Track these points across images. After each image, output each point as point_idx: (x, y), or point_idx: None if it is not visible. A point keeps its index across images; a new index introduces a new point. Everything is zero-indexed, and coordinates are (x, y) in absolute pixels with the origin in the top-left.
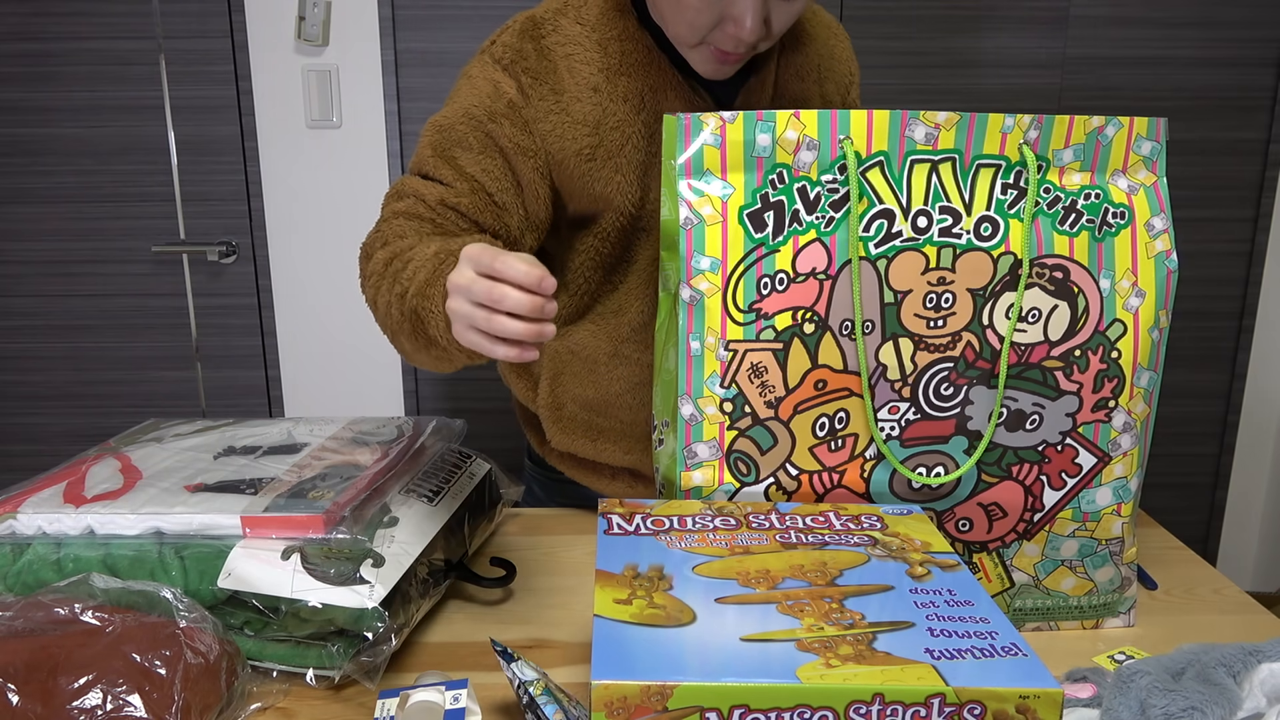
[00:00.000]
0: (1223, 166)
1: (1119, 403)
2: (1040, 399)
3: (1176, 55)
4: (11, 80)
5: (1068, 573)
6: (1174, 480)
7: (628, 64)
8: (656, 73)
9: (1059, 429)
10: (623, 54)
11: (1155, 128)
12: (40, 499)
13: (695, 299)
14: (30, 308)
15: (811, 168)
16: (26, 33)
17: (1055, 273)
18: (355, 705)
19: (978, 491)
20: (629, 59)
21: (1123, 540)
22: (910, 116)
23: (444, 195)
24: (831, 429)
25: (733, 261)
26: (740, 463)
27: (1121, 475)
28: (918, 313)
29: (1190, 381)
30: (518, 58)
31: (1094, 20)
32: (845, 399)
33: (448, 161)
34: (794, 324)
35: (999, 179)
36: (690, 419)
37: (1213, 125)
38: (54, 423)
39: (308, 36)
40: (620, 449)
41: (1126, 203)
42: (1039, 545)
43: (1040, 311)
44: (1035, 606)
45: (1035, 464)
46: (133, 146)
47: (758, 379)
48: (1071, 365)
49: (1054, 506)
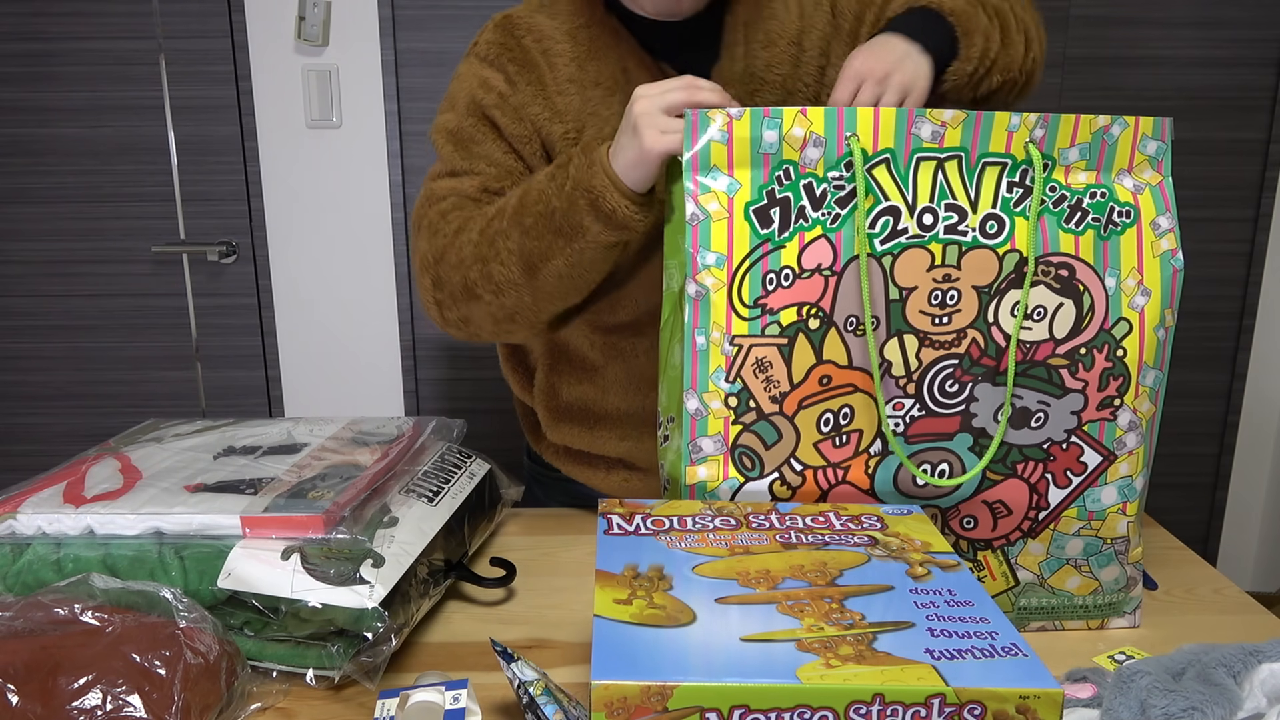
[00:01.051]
0: (1223, 166)
1: (1124, 401)
2: (1046, 397)
3: (1176, 55)
4: (11, 80)
5: (1073, 571)
6: (1174, 480)
7: (597, 49)
8: (627, 54)
9: (1064, 427)
10: (591, 40)
11: (1161, 127)
12: (40, 499)
13: (701, 294)
14: (30, 308)
15: (818, 164)
16: (26, 33)
17: (1061, 270)
18: (355, 705)
19: (983, 489)
20: (598, 43)
21: (1128, 539)
22: (917, 114)
23: (484, 183)
24: (836, 425)
25: (738, 257)
26: (745, 457)
27: (1127, 474)
28: (923, 309)
29: (1190, 381)
30: (501, 51)
31: (1094, 20)
32: (850, 395)
33: (471, 156)
34: (799, 319)
35: (1005, 177)
36: (695, 413)
37: (1213, 125)
38: (54, 423)
39: (308, 36)
40: (615, 435)
41: (1132, 201)
42: (1044, 544)
43: (1046, 309)
44: (1040, 605)
45: (1040, 462)
46: (133, 146)
47: (762, 374)
48: (1077, 363)
49: (1059, 505)
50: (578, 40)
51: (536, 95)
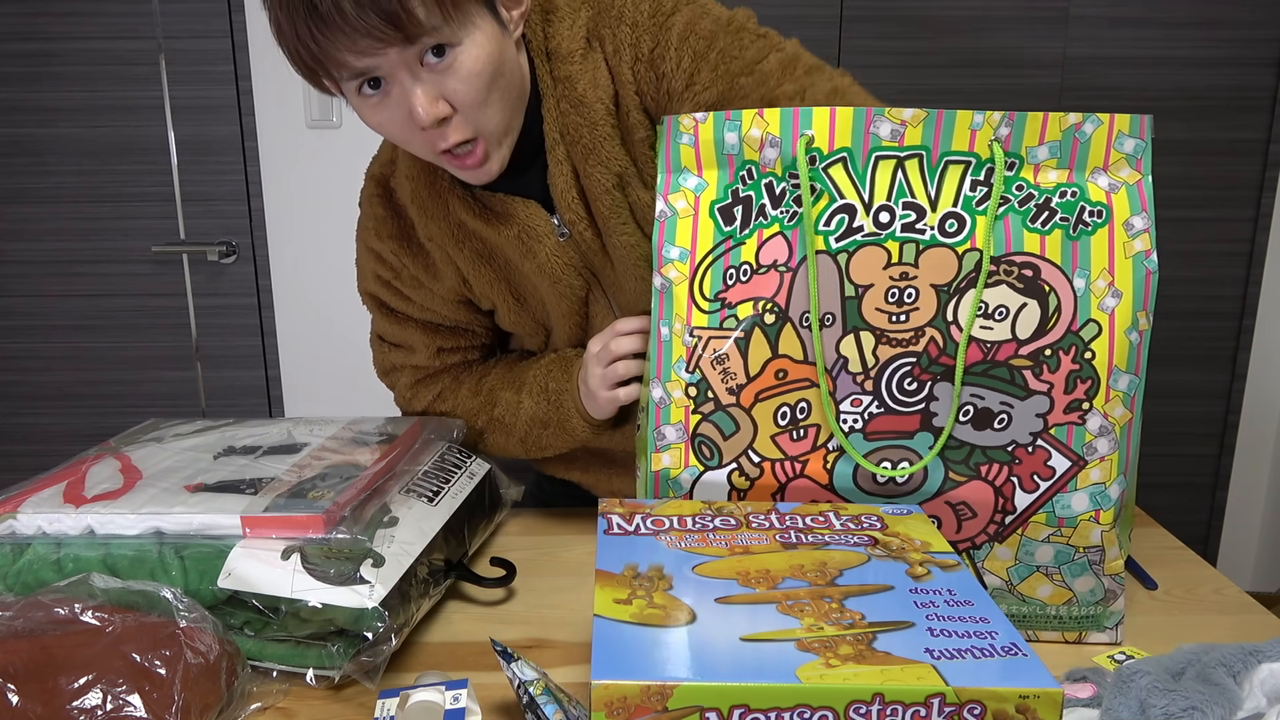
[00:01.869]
0: (1223, 166)
1: (1094, 405)
2: (1008, 398)
3: (1176, 55)
4: (11, 80)
5: (1044, 579)
6: (1174, 480)
7: (430, 210)
8: (458, 206)
9: (1029, 429)
10: (422, 203)
11: (1140, 125)
12: (40, 499)
13: (665, 286)
14: (30, 308)
15: (776, 164)
16: (26, 33)
17: (1024, 270)
18: (355, 705)
19: (945, 490)
20: (429, 206)
21: (1103, 550)
22: (875, 113)
23: (425, 344)
24: (793, 419)
25: (701, 252)
26: (704, 446)
27: (1099, 481)
28: (879, 307)
29: (1190, 381)
30: (380, 225)
31: (1094, 20)
32: (806, 389)
33: (401, 326)
34: (755, 314)
35: (968, 176)
36: (660, 401)
37: (1213, 125)
38: (54, 423)
39: None
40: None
41: (1105, 201)
42: (1011, 549)
43: (1008, 309)
44: (1010, 613)
45: (1005, 464)
46: (133, 146)
47: (719, 366)
48: (1041, 365)
49: (1026, 509)
50: (417, 204)
51: (420, 267)
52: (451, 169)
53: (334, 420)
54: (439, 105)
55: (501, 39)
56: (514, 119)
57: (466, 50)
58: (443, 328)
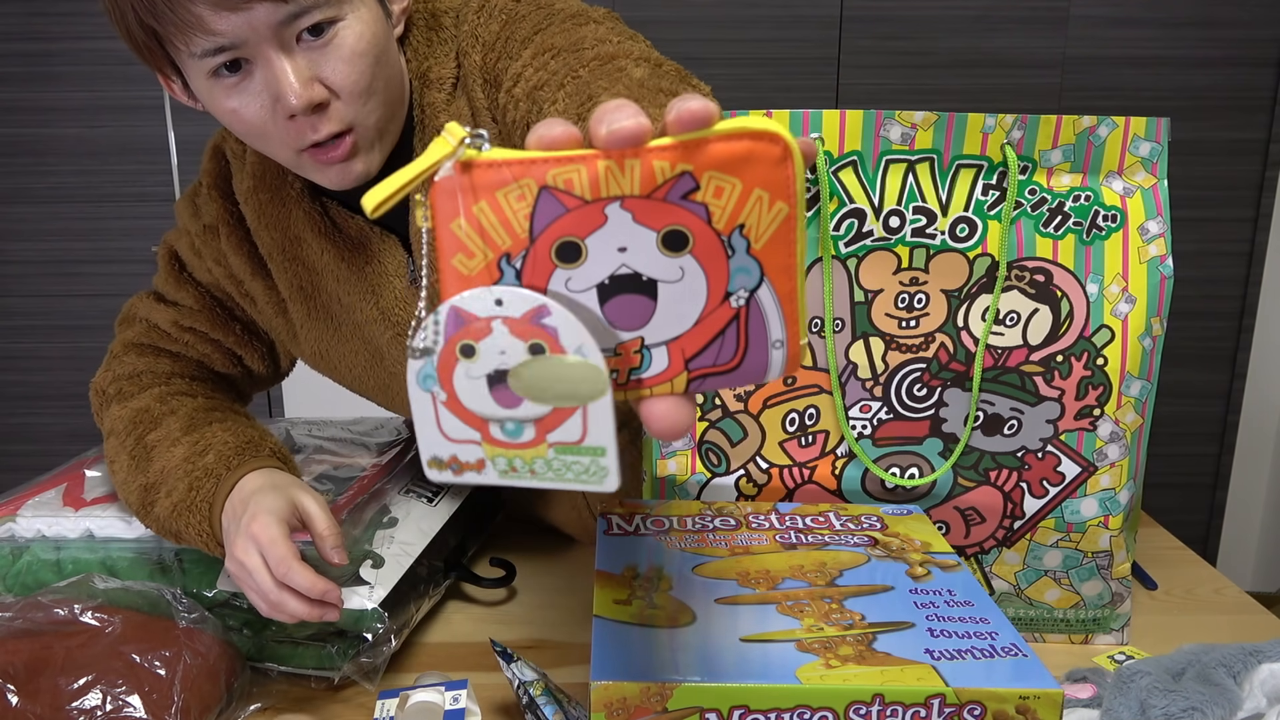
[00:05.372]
0: (1223, 166)
1: (1105, 411)
2: (1019, 404)
3: (1176, 55)
4: (11, 80)
5: (1051, 584)
6: (1174, 480)
7: (271, 216)
8: (300, 220)
9: (1039, 435)
10: (261, 205)
11: (1156, 128)
12: (39, 502)
13: None
14: (30, 308)
15: None
16: (26, 33)
17: (1036, 275)
18: (355, 705)
19: (954, 495)
20: (267, 210)
21: (1111, 554)
22: (885, 116)
23: (175, 318)
24: (802, 425)
25: None
26: (711, 453)
27: (1109, 487)
28: (889, 312)
29: (1190, 381)
30: (212, 186)
31: (1094, 20)
32: (815, 395)
33: (179, 286)
34: None
35: (980, 180)
36: None
37: (1213, 125)
38: (54, 423)
39: None
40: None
41: (1119, 205)
42: (1020, 554)
43: (1019, 315)
44: (1017, 617)
45: (1015, 470)
46: (133, 146)
47: None
48: (1053, 371)
49: (1035, 515)
50: (253, 205)
51: (216, 253)
52: (312, 165)
53: (333, 421)
54: (314, 88)
55: (385, 26)
56: (392, 124)
57: (350, 26)
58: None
